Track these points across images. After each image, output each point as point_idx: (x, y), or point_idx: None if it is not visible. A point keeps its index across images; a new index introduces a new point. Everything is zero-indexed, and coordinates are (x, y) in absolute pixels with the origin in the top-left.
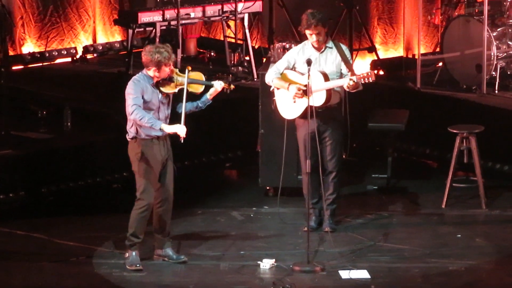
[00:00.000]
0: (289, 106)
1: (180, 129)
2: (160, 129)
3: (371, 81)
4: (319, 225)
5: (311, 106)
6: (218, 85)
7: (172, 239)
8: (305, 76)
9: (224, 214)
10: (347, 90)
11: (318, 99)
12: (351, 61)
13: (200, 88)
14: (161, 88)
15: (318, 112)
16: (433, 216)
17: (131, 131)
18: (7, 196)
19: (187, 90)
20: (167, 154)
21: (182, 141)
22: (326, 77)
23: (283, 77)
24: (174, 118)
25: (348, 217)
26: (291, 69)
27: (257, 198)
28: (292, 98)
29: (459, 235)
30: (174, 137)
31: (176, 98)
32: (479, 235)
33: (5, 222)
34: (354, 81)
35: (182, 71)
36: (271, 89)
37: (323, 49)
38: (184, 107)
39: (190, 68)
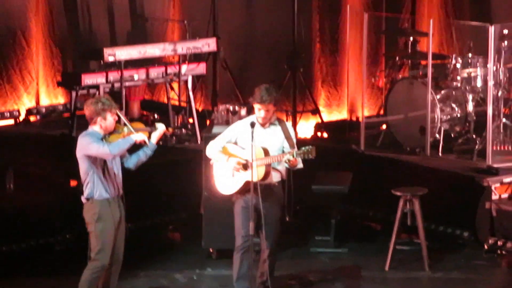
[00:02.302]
0: (227, 180)
1: (144, 136)
2: (135, 140)
3: (311, 157)
4: None
5: (251, 182)
6: (161, 128)
7: None
8: (246, 151)
9: (167, 276)
10: (287, 166)
11: (255, 175)
12: (294, 140)
13: (146, 135)
14: (110, 141)
15: (257, 189)
16: (377, 279)
17: (87, 191)
18: None
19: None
20: (121, 215)
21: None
22: (267, 153)
23: (223, 150)
24: (125, 174)
25: (291, 280)
26: (233, 143)
27: (200, 260)
28: (231, 171)
29: None
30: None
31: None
32: None
33: None
34: (293, 156)
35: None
36: (211, 162)
37: (267, 126)
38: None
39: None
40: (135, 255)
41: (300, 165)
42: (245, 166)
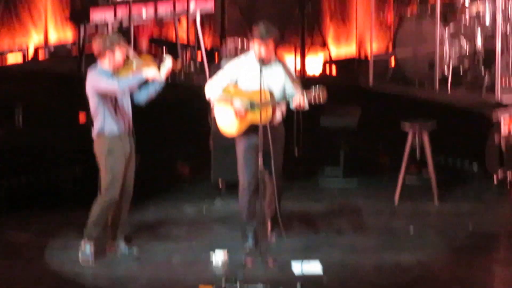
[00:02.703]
0: (230, 121)
1: (157, 73)
2: (145, 76)
3: (321, 101)
4: (256, 244)
5: (256, 123)
6: (169, 62)
7: (125, 232)
8: (250, 91)
9: (176, 208)
10: (293, 108)
11: (263, 116)
12: (295, 78)
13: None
14: (120, 78)
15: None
16: (386, 210)
17: (96, 128)
18: None
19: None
20: (131, 150)
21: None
22: (272, 93)
23: (226, 91)
24: (135, 109)
25: (300, 209)
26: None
27: (208, 192)
28: (236, 113)
29: (412, 229)
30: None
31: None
32: (431, 229)
33: None
34: (304, 98)
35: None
36: (211, 103)
37: (268, 65)
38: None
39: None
40: (144, 187)
41: (306, 106)
42: (252, 107)
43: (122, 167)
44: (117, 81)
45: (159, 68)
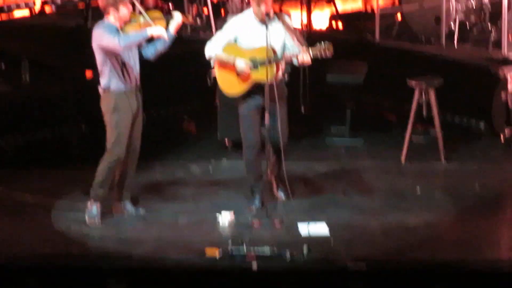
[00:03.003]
0: (231, 81)
1: (163, 30)
2: (150, 34)
3: (328, 55)
4: (263, 204)
5: (259, 81)
6: (178, 16)
7: (131, 192)
8: (253, 50)
9: (182, 167)
10: (297, 64)
11: (268, 74)
12: (295, 31)
13: (163, 24)
14: (126, 31)
15: (264, 87)
16: (392, 169)
17: (103, 82)
18: None
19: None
20: (138, 106)
21: (159, 44)
22: (274, 52)
23: (228, 50)
24: (149, 64)
25: (306, 170)
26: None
27: (215, 151)
28: (239, 73)
29: (418, 188)
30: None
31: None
32: (438, 188)
33: None
34: (310, 54)
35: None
36: (212, 64)
37: (267, 22)
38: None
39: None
40: (149, 145)
41: (308, 59)
42: (255, 66)
43: (128, 124)
44: (118, 38)
45: (168, 23)
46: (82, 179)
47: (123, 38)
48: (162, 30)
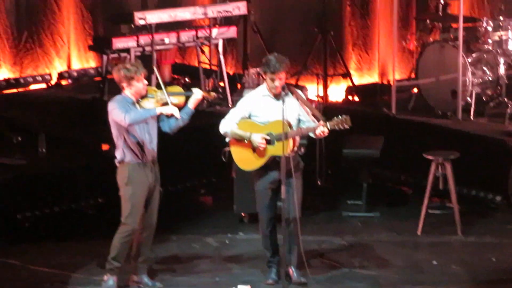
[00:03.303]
0: (247, 156)
1: (174, 109)
2: (159, 113)
3: (346, 127)
4: (279, 277)
5: (274, 156)
6: (198, 93)
7: (148, 265)
8: (269, 125)
9: (199, 240)
10: (313, 136)
11: (285, 148)
12: (307, 103)
13: (182, 100)
14: (143, 106)
15: (280, 161)
16: (409, 243)
17: (118, 155)
18: None
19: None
20: (155, 180)
21: (179, 118)
22: (290, 125)
23: (242, 126)
24: (164, 142)
25: (323, 244)
26: (247, 118)
27: (232, 225)
28: (254, 148)
29: (435, 262)
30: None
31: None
32: (454, 261)
33: None
34: (328, 128)
35: (158, 87)
36: (227, 140)
37: (280, 97)
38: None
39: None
40: (167, 219)
41: (325, 131)
42: (270, 141)
43: (142, 197)
44: (125, 114)
45: (187, 99)
46: (98, 252)
47: (130, 114)
48: (173, 109)
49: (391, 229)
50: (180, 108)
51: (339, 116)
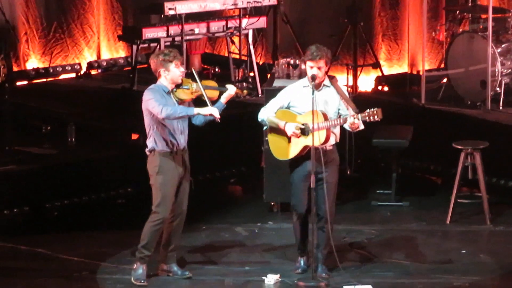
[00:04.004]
0: (283, 146)
1: (214, 110)
2: (196, 113)
3: (377, 119)
4: (309, 266)
5: (309, 146)
6: (231, 89)
7: (177, 254)
8: (304, 115)
9: (228, 229)
10: (349, 129)
11: (316, 139)
12: (348, 97)
13: (215, 94)
14: (177, 96)
15: (315, 153)
16: (438, 232)
17: (149, 144)
18: (11, 211)
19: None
20: (185, 169)
21: (219, 121)
22: (326, 117)
23: (279, 115)
24: (193, 131)
25: (352, 233)
26: (286, 108)
27: (261, 214)
28: (289, 137)
29: (464, 251)
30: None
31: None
32: (483, 251)
33: (9, 238)
34: (359, 120)
35: (193, 79)
36: (264, 128)
37: (320, 88)
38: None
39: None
40: (197, 208)
41: (361, 126)
42: (304, 131)
43: (173, 186)
44: (162, 107)
45: (220, 94)
46: (127, 241)
47: (167, 110)
48: (212, 110)
49: (420, 218)
50: (213, 102)
51: (371, 108)
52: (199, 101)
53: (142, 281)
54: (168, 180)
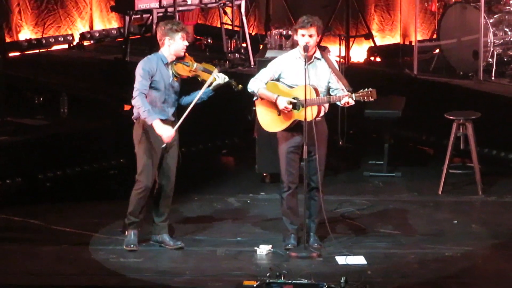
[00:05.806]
0: (272, 118)
1: (166, 134)
2: (151, 124)
3: (371, 99)
4: (298, 243)
5: (298, 121)
6: (222, 78)
7: (169, 225)
8: (295, 89)
9: (220, 200)
10: (339, 105)
11: (309, 113)
12: (338, 70)
13: (208, 79)
14: (175, 69)
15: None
16: (430, 202)
17: (135, 112)
18: (3, 182)
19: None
20: (172, 139)
21: (164, 146)
22: (317, 91)
23: (270, 87)
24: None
25: (344, 203)
26: (276, 80)
27: (254, 185)
28: (280, 111)
29: (455, 221)
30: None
31: (183, 91)
32: (475, 221)
33: (2, 208)
34: (353, 99)
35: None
36: (254, 98)
37: (311, 61)
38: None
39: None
40: (188, 179)
41: (352, 102)
42: (295, 106)
43: (156, 155)
44: (138, 92)
45: (213, 79)
46: (120, 212)
47: (139, 100)
48: (167, 135)
49: (412, 189)
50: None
51: (365, 89)
52: (194, 81)
53: (132, 245)
54: (152, 149)
